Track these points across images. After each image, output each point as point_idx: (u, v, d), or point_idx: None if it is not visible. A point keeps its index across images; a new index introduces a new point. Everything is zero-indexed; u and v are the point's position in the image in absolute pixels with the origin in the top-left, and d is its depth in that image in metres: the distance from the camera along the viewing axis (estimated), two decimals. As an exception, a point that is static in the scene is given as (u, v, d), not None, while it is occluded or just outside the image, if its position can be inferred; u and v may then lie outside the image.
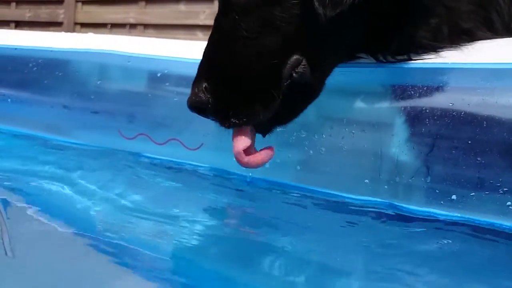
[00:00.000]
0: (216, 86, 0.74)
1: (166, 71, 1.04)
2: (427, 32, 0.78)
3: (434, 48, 0.79)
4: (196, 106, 0.75)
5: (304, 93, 0.77)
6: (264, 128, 0.78)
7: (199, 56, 1.03)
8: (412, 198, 0.76)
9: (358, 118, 0.81)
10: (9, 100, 1.26)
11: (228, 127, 0.76)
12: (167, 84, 1.03)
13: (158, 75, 1.04)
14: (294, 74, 0.73)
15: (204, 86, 0.74)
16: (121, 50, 1.11)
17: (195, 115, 0.99)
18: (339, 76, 0.84)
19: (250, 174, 0.93)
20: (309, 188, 0.87)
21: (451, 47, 0.79)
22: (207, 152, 0.97)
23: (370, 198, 0.80)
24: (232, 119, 0.73)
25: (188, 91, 1.01)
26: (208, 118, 0.77)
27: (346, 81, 0.83)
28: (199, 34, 3.10)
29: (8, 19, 4.24)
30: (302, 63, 0.73)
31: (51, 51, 1.22)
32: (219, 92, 0.74)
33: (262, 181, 0.91)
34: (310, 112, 0.86)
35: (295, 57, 0.72)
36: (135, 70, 1.09)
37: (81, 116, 1.14)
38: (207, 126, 0.97)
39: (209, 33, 0.80)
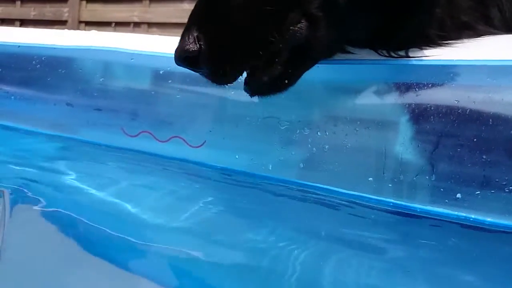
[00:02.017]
0: (209, 35, 0.68)
1: (168, 69, 1.03)
2: (433, 22, 0.78)
3: (441, 39, 0.78)
4: (186, 56, 0.69)
5: (302, 55, 0.73)
6: (257, 90, 0.75)
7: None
8: (416, 197, 0.76)
9: (361, 116, 0.81)
10: (12, 97, 1.26)
11: (219, 81, 0.72)
12: (169, 81, 1.03)
13: (161, 72, 1.04)
14: (291, 31, 0.69)
15: (196, 35, 0.68)
16: (124, 48, 1.11)
17: (199, 112, 0.99)
18: (342, 73, 0.84)
19: (253, 172, 0.92)
20: (312, 185, 0.86)
21: (456, 41, 0.79)
22: (210, 149, 0.97)
23: (373, 196, 0.80)
24: (225, 71, 0.69)
25: (191, 88, 1.01)
26: (198, 70, 0.72)
27: (350, 78, 0.83)
28: (203, 32, 3.09)
29: (13, 18, 4.26)
30: (301, 21, 0.70)
31: (54, 48, 1.21)
32: (212, 42, 0.68)
33: (265, 179, 0.91)
34: (313, 110, 0.86)
35: (293, 14, 0.69)
36: (138, 67, 1.09)
37: (84, 114, 1.14)
38: (210, 123, 0.98)
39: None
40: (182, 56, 0.69)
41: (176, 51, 0.69)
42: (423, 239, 0.73)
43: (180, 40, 0.69)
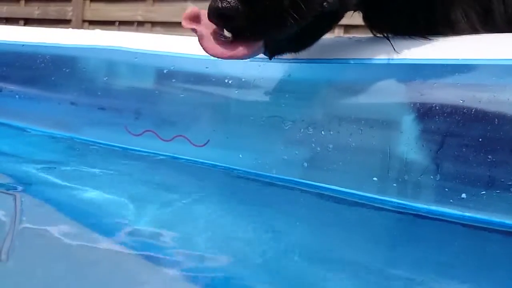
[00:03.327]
0: None
1: (172, 68, 1.03)
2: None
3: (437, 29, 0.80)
4: (223, 12, 0.67)
5: (327, 22, 0.76)
6: (275, 49, 0.75)
7: (206, 53, 1.02)
8: (421, 197, 0.75)
9: (366, 115, 0.80)
10: (16, 96, 1.27)
11: (252, 40, 0.69)
12: (173, 80, 1.03)
13: (165, 71, 1.04)
14: (325, 4, 0.71)
15: None
16: (128, 47, 1.11)
17: (202, 111, 0.99)
18: (347, 72, 0.84)
19: (255, 171, 0.92)
20: (316, 185, 0.86)
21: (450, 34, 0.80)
22: (213, 149, 0.97)
23: (378, 196, 0.79)
24: (260, 31, 0.67)
25: (194, 88, 1.01)
26: (231, 27, 0.70)
27: (355, 77, 0.83)
28: (207, 31, 3.10)
29: (17, 17, 4.27)
30: None
31: (58, 47, 1.22)
32: (251, 2, 0.66)
33: (269, 178, 0.90)
34: (317, 109, 0.86)
35: None
36: (142, 66, 1.09)
37: (88, 113, 1.14)
38: (214, 122, 0.97)
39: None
40: (217, 13, 0.67)
41: (211, 6, 0.67)
42: (427, 239, 0.72)
43: None
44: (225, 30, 0.72)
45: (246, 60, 0.92)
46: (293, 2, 0.68)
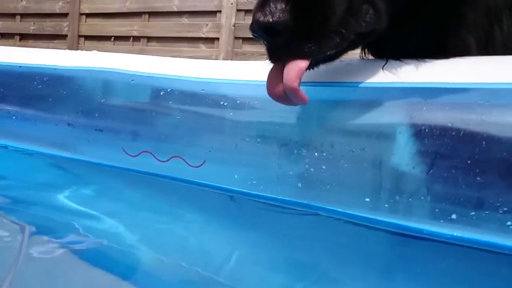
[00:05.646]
0: (298, 10, 0.64)
1: (169, 90, 1.05)
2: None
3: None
4: (269, 26, 0.63)
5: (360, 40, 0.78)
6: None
7: (202, 75, 1.04)
8: (411, 217, 0.77)
9: (358, 137, 0.82)
10: (14, 117, 1.28)
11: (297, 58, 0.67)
12: (170, 102, 1.05)
13: (161, 93, 1.06)
14: (363, 23, 0.73)
15: (283, 5, 0.63)
16: (125, 69, 1.13)
17: (198, 132, 1.01)
18: (340, 94, 0.86)
19: (252, 191, 0.93)
20: (310, 205, 0.87)
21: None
22: (209, 169, 0.98)
23: (370, 216, 0.81)
24: (305, 50, 0.66)
25: (191, 109, 1.03)
26: (273, 43, 0.68)
27: (348, 99, 0.84)
28: (202, 46, 3.13)
29: (13, 32, 4.29)
30: (370, 12, 0.73)
31: (56, 68, 1.23)
32: (300, 18, 0.64)
33: (264, 198, 0.92)
34: (311, 130, 0.87)
35: (364, 6, 0.72)
36: (138, 88, 1.10)
37: (85, 134, 1.15)
38: (209, 144, 0.99)
39: (212, 45, 0.79)
40: (265, 25, 0.64)
41: (258, 16, 0.64)
42: (418, 259, 0.74)
43: (265, 4, 0.64)
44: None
45: (242, 81, 0.95)
46: (341, 22, 0.68)
